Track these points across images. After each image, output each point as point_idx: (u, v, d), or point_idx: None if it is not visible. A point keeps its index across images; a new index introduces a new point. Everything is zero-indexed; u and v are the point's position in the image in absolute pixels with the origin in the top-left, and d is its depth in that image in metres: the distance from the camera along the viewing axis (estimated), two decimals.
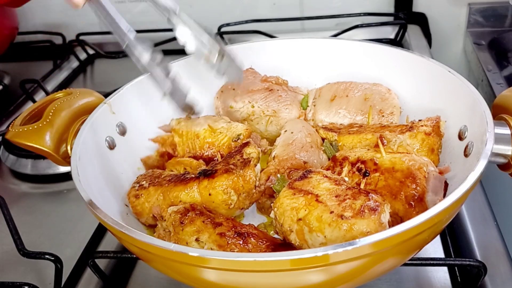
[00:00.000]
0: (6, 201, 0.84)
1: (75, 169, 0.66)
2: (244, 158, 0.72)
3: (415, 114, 0.83)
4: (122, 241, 0.60)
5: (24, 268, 0.81)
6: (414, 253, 0.61)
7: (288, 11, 1.51)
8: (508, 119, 0.66)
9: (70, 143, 0.74)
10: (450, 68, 0.77)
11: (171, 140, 0.83)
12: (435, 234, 0.60)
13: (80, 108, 0.78)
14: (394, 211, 0.63)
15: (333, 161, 0.73)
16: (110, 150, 0.79)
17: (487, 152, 0.59)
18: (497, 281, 0.67)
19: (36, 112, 0.77)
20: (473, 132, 0.68)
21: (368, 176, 0.67)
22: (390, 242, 0.49)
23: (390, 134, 0.73)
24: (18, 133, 0.73)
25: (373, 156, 0.68)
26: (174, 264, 0.54)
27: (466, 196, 0.55)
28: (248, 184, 0.70)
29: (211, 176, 0.69)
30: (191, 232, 0.63)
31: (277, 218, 0.63)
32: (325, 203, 0.58)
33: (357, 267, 0.52)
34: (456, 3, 1.43)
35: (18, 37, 1.51)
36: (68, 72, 1.51)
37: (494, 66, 1.24)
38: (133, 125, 0.84)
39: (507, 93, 0.70)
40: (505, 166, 0.67)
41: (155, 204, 0.72)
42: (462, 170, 0.67)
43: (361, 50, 0.92)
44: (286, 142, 0.80)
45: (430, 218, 0.50)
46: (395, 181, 0.64)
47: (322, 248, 0.47)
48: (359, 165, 0.68)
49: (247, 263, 0.49)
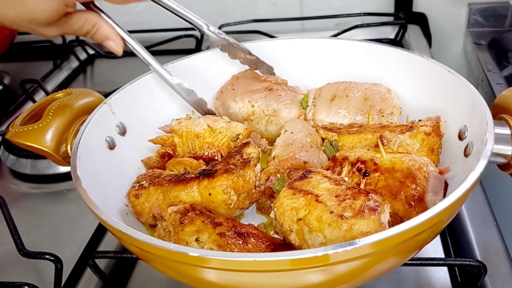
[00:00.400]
0: (6, 201, 0.84)
1: (74, 169, 0.66)
2: (244, 158, 0.72)
3: (415, 114, 0.83)
4: (122, 241, 0.60)
5: (24, 268, 0.81)
6: (414, 253, 0.61)
7: (288, 11, 1.51)
8: (508, 119, 0.66)
9: (70, 143, 0.74)
10: (450, 68, 0.77)
11: (171, 141, 0.83)
12: (435, 234, 0.60)
13: (80, 108, 0.78)
14: (394, 211, 0.63)
15: (333, 161, 0.73)
16: (110, 150, 0.79)
17: (487, 152, 0.59)
18: (497, 281, 0.67)
19: (36, 112, 0.77)
20: (473, 132, 0.68)
21: (368, 176, 0.67)
22: (390, 242, 0.49)
23: (390, 134, 0.73)
24: (18, 133, 0.73)
25: (373, 156, 0.68)
26: (174, 264, 0.54)
27: (466, 196, 0.55)
28: (248, 184, 0.70)
29: (211, 176, 0.69)
30: (191, 232, 0.63)
31: (277, 218, 0.63)
32: (325, 203, 0.58)
33: (357, 267, 0.52)
34: (456, 3, 1.43)
35: (18, 37, 1.51)
36: (68, 72, 1.51)
37: (494, 66, 1.24)
38: (133, 125, 0.84)
39: (507, 93, 0.70)
40: (505, 166, 0.67)
41: (155, 204, 0.72)
42: (462, 170, 0.67)
43: (361, 50, 0.92)
44: (286, 142, 0.80)
45: (430, 218, 0.50)
46: (395, 181, 0.64)
47: (322, 248, 0.47)
48: (359, 165, 0.68)
49: (247, 263, 0.49)
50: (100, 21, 0.72)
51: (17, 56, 1.59)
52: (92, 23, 0.71)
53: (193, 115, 0.91)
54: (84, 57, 1.55)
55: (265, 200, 0.75)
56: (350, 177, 0.69)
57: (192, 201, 0.69)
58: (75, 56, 1.53)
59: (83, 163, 0.68)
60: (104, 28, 0.72)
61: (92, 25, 0.71)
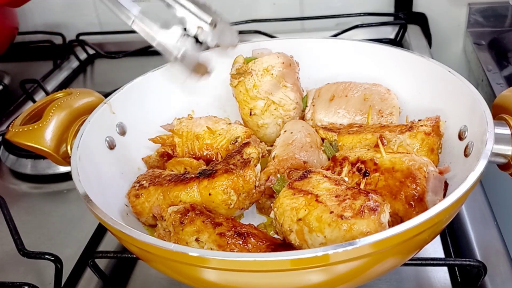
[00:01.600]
0: (6, 201, 0.84)
1: (75, 169, 0.66)
2: (244, 158, 0.72)
3: (415, 114, 0.83)
4: (122, 241, 0.60)
5: (24, 268, 0.81)
6: (414, 253, 0.61)
7: (288, 11, 1.51)
8: (508, 119, 0.66)
9: (70, 143, 0.74)
10: (450, 68, 0.77)
11: (171, 140, 0.83)
12: (435, 234, 0.60)
13: (80, 108, 0.78)
14: (394, 211, 0.63)
15: (333, 161, 0.73)
16: (110, 150, 0.79)
17: (487, 152, 0.59)
18: (497, 281, 0.67)
19: (36, 112, 0.77)
20: (473, 132, 0.68)
21: (368, 176, 0.67)
22: (390, 242, 0.49)
23: (390, 134, 0.73)
24: (18, 133, 0.73)
25: (373, 156, 0.68)
26: (174, 264, 0.54)
27: (466, 196, 0.55)
28: (248, 184, 0.70)
29: (211, 176, 0.70)
30: (191, 232, 0.63)
31: (277, 218, 0.63)
32: (325, 203, 0.58)
33: (357, 267, 0.52)
34: (456, 3, 1.43)
35: (18, 37, 1.50)
36: (68, 72, 1.51)
37: (494, 66, 1.24)
38: (133, 125, 0.84)
39: (507, 93, 0.70)
40: (505, 166, 0.67)
41: (155, 204, 0.72)
42: (462, 170, 0.67)
43: (361, 50, 0.91)
44: (286, 142, 0.80)
45: (430, 218, 0.50)
46: (395, 181, 0.64)
47: (322, 248, 0.47)
48: (359, 165, 0.68)
49: (247, 263, 0.49)
50: None
51: (17, 56, 1.59)
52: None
53: (194, 114, 0.91)
54: (84, 57, 1.55)
55: (265, 200, 0.75)
56: (350, 177, 0.69)
57: (192, 201, 0.69)
58: (75, 56, 1.53)
59: (83, 163, 0.68)
60: None
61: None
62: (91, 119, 0.76)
